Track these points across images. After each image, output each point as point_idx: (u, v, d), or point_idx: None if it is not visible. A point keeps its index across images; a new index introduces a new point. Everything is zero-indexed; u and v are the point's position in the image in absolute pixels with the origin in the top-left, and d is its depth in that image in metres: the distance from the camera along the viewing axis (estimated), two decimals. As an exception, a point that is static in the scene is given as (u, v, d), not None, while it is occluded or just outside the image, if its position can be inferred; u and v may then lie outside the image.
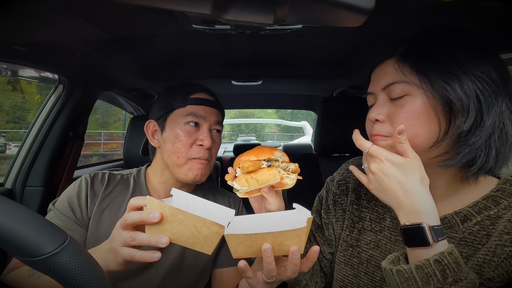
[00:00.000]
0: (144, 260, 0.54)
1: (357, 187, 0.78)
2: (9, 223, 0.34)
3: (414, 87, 0.57)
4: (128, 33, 0.86)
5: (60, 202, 0.81)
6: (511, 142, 0.56)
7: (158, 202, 0.54)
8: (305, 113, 20.96)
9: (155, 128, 0.91)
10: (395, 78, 0.59)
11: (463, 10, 0.61)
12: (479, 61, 0.55)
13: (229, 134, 25.88)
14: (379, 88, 0.62)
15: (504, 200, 0.57)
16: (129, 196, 0.86)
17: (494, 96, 0.54)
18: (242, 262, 0.59)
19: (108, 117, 22.37)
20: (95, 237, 0.79)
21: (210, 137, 0.86)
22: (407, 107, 0.58)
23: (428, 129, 0.56)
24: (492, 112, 0.54)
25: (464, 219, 0.59)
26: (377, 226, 0.71)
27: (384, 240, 0.68)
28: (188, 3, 0.48)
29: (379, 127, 0.62)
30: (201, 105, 0.87)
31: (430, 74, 0.56)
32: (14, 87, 20.74)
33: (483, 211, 0.58)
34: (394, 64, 0.60)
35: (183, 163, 0.84)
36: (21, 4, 0.61)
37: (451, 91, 0.54)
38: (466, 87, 0.54)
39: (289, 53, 1.14)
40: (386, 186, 0.55)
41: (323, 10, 0.50)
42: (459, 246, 0.58)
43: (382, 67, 0.63)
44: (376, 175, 0.56)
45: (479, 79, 0.54)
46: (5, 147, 14.80)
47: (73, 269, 0.35)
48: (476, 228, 0.57)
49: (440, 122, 0.56)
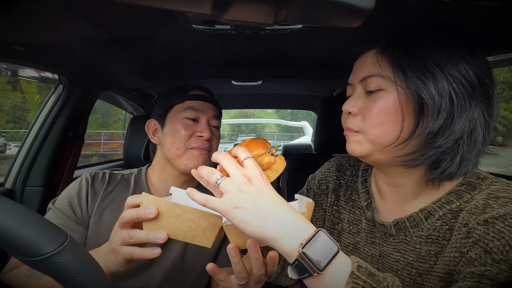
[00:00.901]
0: (144, 257, 0.54)
1: (336, 187, 0.77)
2: (9, 223, 0.34)
3: (389, 82, 0.56)
4: (128, 33, 0.86)
5: (60, 201, 0.81)
6: (477, 150, 0.54)
7: (153, 198, 0.53)
8: (305, 113, 20.95)
9: (155, 127, 0.93)
10: (372, 71, 0.58)
11: (463, 9, 0.61)
12: (459, 61, 0.53)
13: (229, 134, 25.89)
14: (357, 79, 0.61)
15: (467, 193, 0.55)
16: (130, 195, 0.86)
17: (468, 100, 0.52)
18: (209, 265, 0.57)
19: (108, 117, 22.37)
20: (95, 236, 0.79)
21: (209, 129, 0.89)
22: (379, 103, 0.56)
23: (397, 127, 0.55)
24: (463, 116, 0.52)
25: (428, 215, 0.57)
26: (355, 228, 0.70)
27: (362, 242, 0.68)
28: (188, 3, 0.48)
29: (351, 121, 0.61)
30: (198, 100, 0.91)
31: (405, 69, 0.54)
32: (14, 87, 20.74)
33: (445, 205, 0.56)
34: (374, 56, 0.59)
35: (182, 153, 0.86)
36: (21, 4, 0.61)
37: (424, 89, 0.52)
38: (440, 87, 0.52)
39: (289, 53, 1.14)
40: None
41: (323, 10, 0.50)
42: (426, 244, 0.56)
43: (363, 58, 0.62)
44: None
45: (455, 80, 0.52)
46: (5, 147, 14.81)
47: (73, 269, 0.35)
48: (439, 223, 0.56)
49: (408, 121, 0.54)
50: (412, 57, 0.54)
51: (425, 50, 0.54)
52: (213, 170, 0.51)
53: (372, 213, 0.66)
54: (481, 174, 0.57)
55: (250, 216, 0.46)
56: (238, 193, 0.47)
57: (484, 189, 0.55)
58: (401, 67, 0.54)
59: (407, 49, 0.55)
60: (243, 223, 0.46)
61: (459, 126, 0.52)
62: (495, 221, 0.47)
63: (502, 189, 0.52)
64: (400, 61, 0.55)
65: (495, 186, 0.54)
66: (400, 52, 0.55)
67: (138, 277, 0.80)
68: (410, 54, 0.54)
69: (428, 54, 0.54)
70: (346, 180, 0.77)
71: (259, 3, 0.48)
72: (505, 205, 0.49)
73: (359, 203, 0.71)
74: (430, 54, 0.54)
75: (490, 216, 0.48)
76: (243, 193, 0.47)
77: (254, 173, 0.49)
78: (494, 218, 0.48)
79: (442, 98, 0.52)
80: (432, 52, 0.54)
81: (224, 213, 0.47)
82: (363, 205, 0.69)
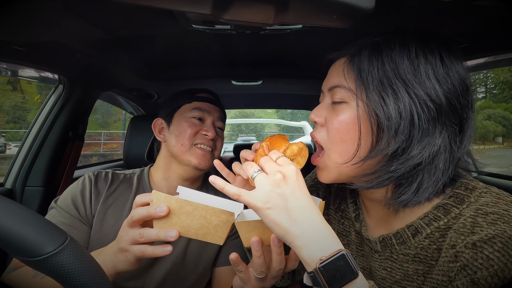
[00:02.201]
0: (155, 255, 0.54)
1: (326, 195, 0.74)
2: (9, 223, 0.34)
3: (352, 95, 0.52)
4: (128, 33, 0.86)
5: (63, 200, 0.81)
6: (436, 178, 0.49)
7: (164, 195, 0.53)
8: (305, 113, 20.94)
9: (162, 126, 0.96)
10: (338, 81, 0.54)
11: (463, 9, 0.61)
12: (428, 78, 0.48)
13: (229, 134, 25.89)
14: (326, 88, 0.58)
15: (454, 208, 0.50)
16: (133, 195, 0.87)
17: (432, 124, 0.47)
18: (233, 254, 0.57)
19: (108, 117, 22.37)
20: (98, 235, 0.80)
21: (213, 129, 0.92)
22: (340, 117, 0.53)
23: (354, 146, 0.51)
24: (424, 141, 0.47)
25: (415, 233, 0.53)
26: (344, 239, 0.68)
27: (353, 254, 0.66)
28: (188, 3, 0.48)
29: (318, 130, 0.58)
30: (206, 102, 0.95)
31: (368, 83, 0.50)
32: (14, 87, 20.75)
33: (432, 222, 0.51)
34: (342, 65, 0.55)
35: (187, 149, 0.88)
36: (21, 4, 0.61)
37: (383, 107, 0.48)
38: (401, 106, 0.47)
39: (289, 53, 1.14)
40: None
41: (323, 10, 0.50)
42: (413, 263, 0.53)
43: (334, 65, 0.58)
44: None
45: (420, 100, 0.47)
46: (5, 147, 14.82)
47: (73, 269, 0.35)
48: (426, 242, 0.51)
49: (367, 139, 0.51)
50: (376, 70, 0.50)
51: (392, 63, 0.49)
52: (253, 163, 0.52)
53: (360, 225, 0.64)
54: (469, 184, 0.52)
55: (280, 217, 0.45)
56: (271, 189, 0.47)
57: (472, 202, 0.50)
58: (364, 80, 0.51)
59: (372, 61, 0.51)
60: (273, 223, 0.46)
61: (418, 151, 0.47)
62: (483, 245, 0.43)
63: (491, 203, 0.48)
64: (364, 73, 0.51)
65: (484, 199, 0.49)
66: (365, 64, 0.51)
67: (139, 277, 0.80)
68: (375, 67, 0.50)
69: (395, 68, 0.49)
70: (335, 188, 0.74)
71: (259, 3, 0.48)
72: (494, 223, 0.44)
73: (348, 214, 0.69)
74: (397, 68, 0.49)
75: (478, 239, 0.44)
76: (275, 191, 0.46)
77: (289, 170, 0.48)
78: (482, 242, 0.43)
79: (401, 119, 0.47)
80: (399, 66, 0.49)
81: (256, 209, 0.47)
82: (351, 216, 0.67)
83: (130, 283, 0.79)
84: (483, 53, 0.84)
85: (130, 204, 0.85)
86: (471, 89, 0.51)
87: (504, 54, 0.76)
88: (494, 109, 24.83)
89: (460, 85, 0.49)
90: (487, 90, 30.57)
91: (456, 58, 0.51)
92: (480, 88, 30.77)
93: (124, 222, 0.58)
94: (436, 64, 0.49)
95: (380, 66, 0.50)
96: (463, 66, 0.51)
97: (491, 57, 0.86)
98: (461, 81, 0.50)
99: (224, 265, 0.91)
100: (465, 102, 0.50)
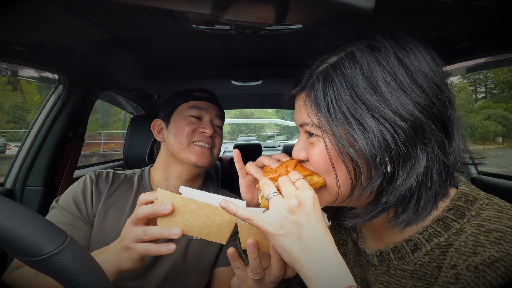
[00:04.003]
0: (159, 252, 0.54)
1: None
2: (9, 223, 0.34)
3: (319, 130, 0.49)
4: (128, 33, 0.86)
5: (64, 199, 0.82)
6: (434, 191, 0.46)
7: (169, 194, 0.53)
8: (305, 113, 20.86)
9: (161, 126, 0.97)
10: (303, 119, 0.51)
11: (463, 9, 0.61)
12: (391, 93, 0.43)
13: (229, 134, 25.89)
14: (298, 124, 0.55)
15: (455, 222, 0.47)
16: (134, 195, 0.87)
17: (411, 143, 0.43)
18: (231, 249, 0.57)
19: (108, 117, 22.38)
20: (99, 234, 0.80)
21: (211, 127, 0.92)
22: (316, 149, 0.50)
23: (346, 175, 0.47)
24: (407, 165, 0.44)
25: (415, 249, 0.50)
26: (342, 249, 0.67)
27: (350, 264, 0.65)
28: (188, 3, 0.48)
29: (307, 165, 0.55)
30: (203, 100, 0.96)
31: (329, 117, 0.46)
32: (14, 87, 20.76)
33: (432, 238, 0.48)
34: (304, 100, 0.51)
35: (185, 147, 0.89)
36: (21, 4, 0.61)
37: (352, 142, 0.44)
38: (371, 136, 0.43)
39: (289, 53, 1.14)
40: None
41: (323, 10, 0.50)
42: (412, 279, 0.50)
43: (297, 101, 0.54)
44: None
45: (390, 123, 0.42)
46: (5, 147, 14.82)
47: (73, 269, 0.35)
48: (426, 259, 0.48)
49: (344, 174, 0.47)
50: (334, 101, 0.45)
51: (347, 88, 0.45)
52: (270, 182, 0.49)
53: (357, 236, 0.62)
54: (470, 195, 0.49)
55: (292, 245, 0.43)
56: (286, 215, 0.44)
57: (474, 216, 0.46)
58: (325, 114, 0.47)
59: (326, 91, 0.46)
60: (283, 250, 0.44)
61: (404, 177, 0.44)
62: (486, 270, 0.40)
63: (494, 218, 0.44)
64: (323, 108, 0.47)
65: (486, 213, 0.46)
66: (321, 96, 0.47)
67: (140, 277, 0.80)
68: (332, 98, 0.46)
69: (352, 92, 0.44)
70: None
71: (260, 3, 0.48)
72: (497, 243, 0.41)
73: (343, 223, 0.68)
74: (354, 91, 0.44)
75: (481, 262, 0.41)
76: (289, 217, 0.44)
77: (306, 196, 0.45)
78: (485, 266, 0.41)
79: (375, 149, 0.43)
80: (356, 89, 0.44)
81: (267, 233, 0.45)
82: (348, 225, 0.66)
83: (131, 283, 0.79)
84: (483, 53, 0.84)
85: (131, 204, 0.85)
86: (445, 81, 0.46)
87: (504, 54, 0.76)
88: (494, 109, 24.85)
89: (430, 86, 0.44)
90: (487, 90, 30.57)
91: (417, 51, 0.45)
92: (480, 88, 30.79)
93: (128, 220, 0.58)
94: (395, 71, 0.44)
95: (336, 95, 0.45)
96: (430, 56, 0.45)
97: (491, 57, 0.86)
98: (431, 80, 0.44)
99: (224, 266, 0.91)
100: (442, 102, 0.45)
